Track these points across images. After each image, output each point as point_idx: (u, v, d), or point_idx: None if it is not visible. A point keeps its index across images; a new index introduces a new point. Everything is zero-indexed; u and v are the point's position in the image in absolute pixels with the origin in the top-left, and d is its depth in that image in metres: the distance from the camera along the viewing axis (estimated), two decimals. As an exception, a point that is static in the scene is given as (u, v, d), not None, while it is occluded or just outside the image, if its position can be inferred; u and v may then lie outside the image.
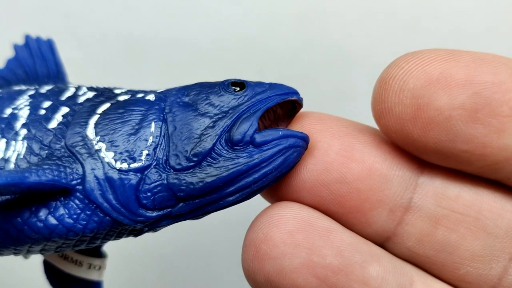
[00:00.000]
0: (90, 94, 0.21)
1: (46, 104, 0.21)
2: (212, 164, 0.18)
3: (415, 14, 0.36)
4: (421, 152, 0.18)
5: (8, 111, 0.21)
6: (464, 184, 0.19)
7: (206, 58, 0.36)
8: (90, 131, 0.19)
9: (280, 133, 0.18)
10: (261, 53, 0.36)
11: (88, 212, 0.19)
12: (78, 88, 0.22)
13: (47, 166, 0.18)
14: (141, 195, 0.18)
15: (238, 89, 0.20)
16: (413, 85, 0.17)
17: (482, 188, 0.19)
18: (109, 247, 0.25)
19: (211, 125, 0.19)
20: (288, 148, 0.18)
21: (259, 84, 0.20)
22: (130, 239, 0.21)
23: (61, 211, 0.18)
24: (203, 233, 0.37)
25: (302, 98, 0.20)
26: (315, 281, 0.17)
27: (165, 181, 0.18)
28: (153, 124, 0.19)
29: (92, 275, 0.25)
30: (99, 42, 0.23)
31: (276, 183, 0.19)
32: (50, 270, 0.25)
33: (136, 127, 0.19)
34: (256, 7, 0.37)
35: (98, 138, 0.19)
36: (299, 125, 0.20)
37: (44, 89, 0.22)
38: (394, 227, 0.19)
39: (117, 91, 0.21)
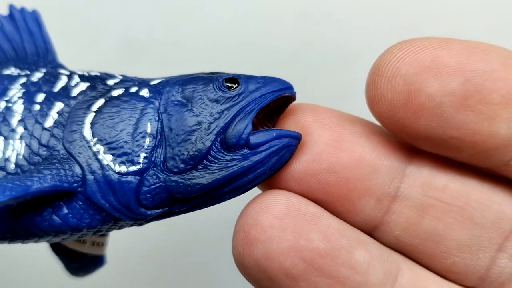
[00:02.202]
0: (83, 86, 0.21)
1: (40, 97, 0.21)
2: (208, 167, 0.19)
3: (415, 14, 0.36)
4: (412, 138, 0.18)
5: (2, 104, 0.21)
6: (452, 174, 0.19)
7: (206, 58, 0.36)
8: (87, 132, 0.20)
9: (274, 134, 0.19)
10: (260, 53, 0.36)
11: (90, 212, 0.19)
12: (70, 77, 0.22)
13: (48, 172, 0.19)
14: (141, 196, 0.19)
15: (233, 86, 0.20)
16: (405, 71, 0.17)
17: (469, 179, 0.19)
18: (109, 248, 0.26)
19: (206, 127, 0.19)
20: (282, 148, 0.19)
21: (253, 79, 0.20)
22: (129, 237, 0.21)
23: (65, 210, 0.19)
24: (202, 230, 0.38)
25: (295, 92, 0.20)
26: (302, 264, 0.18)
27: (163, 184, 0.19)
28: (149, 125, 0.19)
29: (96, 251, 0.26)
30: (98, 41, 0.23)
31: None
32: (54, 245, 0.26)
33: (133, 128, 0.19)
34: (255, 7, 0.37)
35: (95, 139, 0.19)
36: (291, 117, 0.20)
37: (36, 76, 0.22)
38: (382, 216, 0.19)
39: (109, 82, 0.21)
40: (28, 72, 0.22)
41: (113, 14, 0.37)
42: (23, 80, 0.22)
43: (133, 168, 0.19)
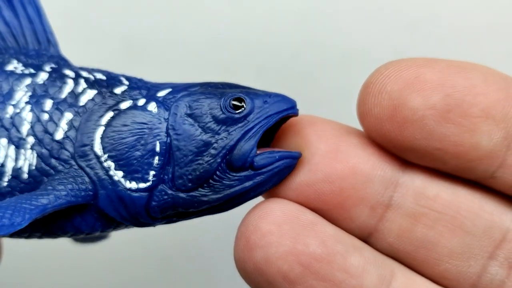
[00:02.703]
0: (91, 94, 0.21)
1: (48, 104, 0.21)
2: (214, 186, 0.20)
3: (416, 14, 0.36)
4: (399, 150, 0.20)
5: (10, 109, 0.21)
6: (443, 184, 0.20)
7: (206, 58, 0.36)
8: (98, 147, 0.20)
9: (277, 156, 0.20)
10: (261, 53, 0.36)
11: (103, 221, 0.21)
12: (75, 81, 0.22)
13: (62, 187, 0.20)
14: (150, 210, 0.21)
15: (240, 106, 0.20)
16: (390, 88, 0.19)
17: (460, 188, 0.20)
18: (108, 246, 0.26)
19: (213, 148, 0.20)
20: (283, 169, 0.20)
21: (259, 99, 0.21)
22: (129, 237, 0.22)
23: (79, 220, 0.21)
24: (203, 232, 0.38)
25: (298, 110, 0.21)
26: (299, 268, 0.19)
27: (170, 200, 0.20)
28: (158, 144, 0.20)
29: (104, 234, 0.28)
30: (99, 41, 0.23)
31: None
32: None
33: (142, 146, 0.20)
34: (256, 6, 0.37)
35: (106, 156, 0.20)
36: (291, 128, 0.21)
37: (41, 77, 0.22)
38: (376, 223, 0.20)
39: (116, 91, 0.21)
40: (32, 71, 0.22)
41: (114, 14, 0.37)
42: (28, 80, 0.22)
43: (143, 185, 0.20)
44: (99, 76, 0.22)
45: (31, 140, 0.21)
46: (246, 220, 0.20)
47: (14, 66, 0.22)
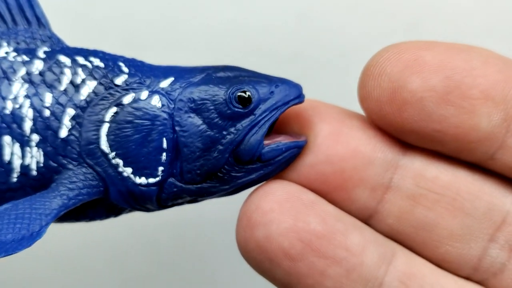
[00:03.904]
0: (91, 85, 0.21)
1: (48, 99, 0.20)
2: (222, 178, 0.21)
3: (416, 14, 0.36)
4: (398, 132, 0.20)
5: (9, 105, 0.20)
6: (443, 166, 0.20)
7: (206, 58, 0.34)
8: (104, 145, 0.20)
9: (284, 148, 0.20)
10: (260, 53, 0.36)
11: (115, 210, 0.22)
12: (73, 70, 0.21)
13: (74, 186, 0.20)
14: (160, 200, 0.21)
15: (246, 98, 0.20)
16: (390, 70, 0.19)
17: (460, 170, 0.20)
18: (108, 246, 0.27)
19: (220, 144, 0.20)
20: (290, 158, 0.20)
21: (265, 88, 0.21)
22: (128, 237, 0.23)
23: (91, 212, 0.22)
24: (201, 229, 0.38)
25: (304, 97, 0.21)
26: (300, 245, 0.19)
27: (180, 191, 0.21)
28: (164, 141, 0.20)
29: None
30: (99, 42, 0.23)
31: None
32: None
33: (149, 143, 0.20)
34: (255, 7, 0.37)
35: (113, 153, 0.20)
36: (294, 110, 0.21)
37: (35, 66, 0.21)
38: (376, 205, 0.21)
39: (117, 81, 0.21)
40: (26, 58, 0.21)
41: (114, 14, 0.37)
42: (22, 70, 0.21)
43: (152, 180, 0.20)
44: (96, 62, 0.21)
45: (35, 137, 0.20)
46: (248, 200, 0.20)
47: (5, 50, 0.21)
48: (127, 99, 0.20)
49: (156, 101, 0.20)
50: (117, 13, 0.37)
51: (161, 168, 0.20)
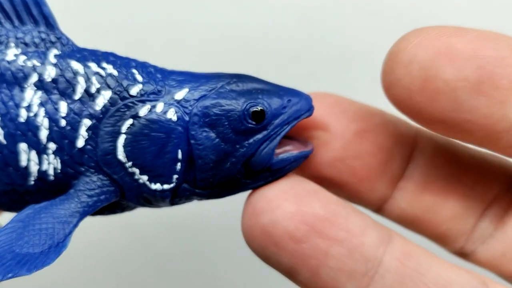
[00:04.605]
0: (106, 95, 0.20)
1: (63, 108, 0.20)
2: (232, 185, 0.21)
3: (416, 15, 0.37)
4: (427, 122, 0.19)
5: (23, 113, 0.20)
6: (452, 153, 0.23)
7: (207, 58, 0.37)
8: (121, 155, 0.20)
9: (292, 158, 0.21)
10: (262, 52, 0.37)
11: (130, 208, 0.23)
12: (86, 78, 0.20)
13: (93, 193, 0.20)
14: (173, 202, 0.22)
15: (259, 113, 0.21)
16: (421, 58, 0.18)
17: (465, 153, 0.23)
18: (107, 244, 0.26)
19: (232, 157, 0.21)
20: (296, 166, 0.22)
21: (279, 102, 0.21)
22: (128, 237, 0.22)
23: (107, 211, 0.22)
24: (201, 229, 0.38)
25: (314, 108, 0.22)
26: (304, 228, 0.20)
27: (192, 194, 0.22)
28: (179, 152, 0.21)
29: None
30: (99, 43, 0.22)
31: None
32: None
33: (165, 154, 0.20)
34: (257, 6, 0.37)
35: (130, 163, 0.20)
36: (318, 107, 0.22)
37: (47, 73, 0.20)
38: (391, 192, 0.22)
39: (132, 92, 0.21)
40: (37, 63, 0.21)
41: (114, 16, 0.37)
42: (34, 76, 0.20)
43: (167, 186, 0.21)
44: (110, 69, 0.21)
45: (52, 146, 0.20)
46: (253, 192, 0.21)
47: (14, 52, 0.21)
48: (143, 111, 0.20)
49: (171, 114, 0.21)
50: (120, 13, 0.37)
51: (175, 176, 0.21)
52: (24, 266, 0.18)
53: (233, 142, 0.21)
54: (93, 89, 0.20)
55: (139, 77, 0.21)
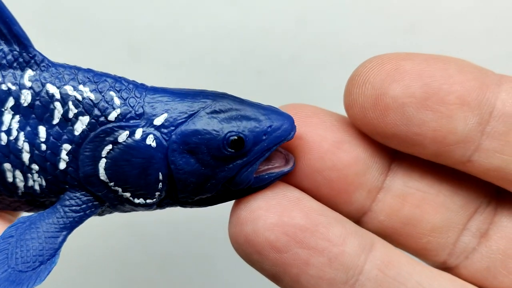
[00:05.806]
0: (84, 121, 0.21)
1: (42, 133, 0.21)
2: (214, 198, 0.22)
3: (415, 16, 0.37)
4: (381, 137, 0.21)
5: (3, 137, 0.21)
6: (426, 168, 0.22)
7: (207, 60, 0.36)
8: (103, 176, 0.21)
9: (273, 178, 0.22)
10: (260, 55, 0.37)
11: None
12: (63, 103, 0.21)
13: (78, 208, 0.21)
14: (158, 208, 0.23)
15: (239, 142, 0.21)
16: (373, 79, 0.21)
17: (441, 172, 0.22)
18: (105, 245, 0.27)
19: (213, 179, 0.21)
20: (278, 179, 0.22)
21: (258, 128, 0.21)
22: (128, 234, 0.24)
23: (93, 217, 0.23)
24: (201, 229, 0.38)
25: (295, 128, 0.22)
26: (285, 238, 0.21)
27: (175, 205, 0.22)
28: (160, 175, 0.21)
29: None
30: (99, 43, 0.23)
31: None
32: None
33: (146, 175, 0.21)
34: (255, 9, 0.38)
35: (113, 183, 0.21)
36: (296, 117, 0.22)
37: (23, 98, 0.21)
38: (370, 204, 0.22)
39: (110, 117, 0.21)
40: (12, 87, 0.21)
41: (115, 17, 0.38)
42: (10, 101, 0.21)
43: (149, 201, 0.22)
44: (86, 93, 0.21)
45: (35, 167, 0.21)
46: (238, 200, 0.22)
47: None
48: (121, 137, 0.21)
49: (150, 140, 0.21)
50: (119, 16, 0.38)
51: (157, 193, 0.22)
52: (18, 286, 0.19)
53: (212, 167, 0.21)
54: (70, 115, 0.21)
55: (117, 101, 0.21)
